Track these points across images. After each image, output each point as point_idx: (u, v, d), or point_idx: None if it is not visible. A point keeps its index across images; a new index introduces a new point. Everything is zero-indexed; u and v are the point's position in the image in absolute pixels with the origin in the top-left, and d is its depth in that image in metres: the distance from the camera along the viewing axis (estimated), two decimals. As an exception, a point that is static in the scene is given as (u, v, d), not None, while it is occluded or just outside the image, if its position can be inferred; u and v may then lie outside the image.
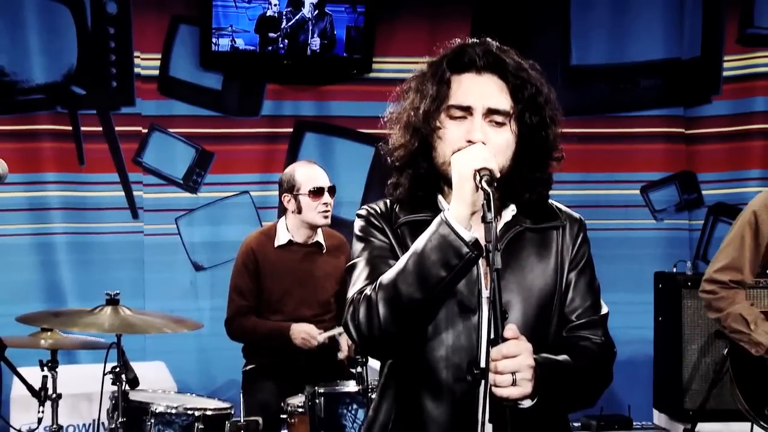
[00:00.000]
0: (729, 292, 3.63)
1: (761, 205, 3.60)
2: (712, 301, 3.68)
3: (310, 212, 4.48)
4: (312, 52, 5.74)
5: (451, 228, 2.01)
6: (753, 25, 6.10)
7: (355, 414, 3.90)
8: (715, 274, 3.67)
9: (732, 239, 3.66)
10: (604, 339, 2.24)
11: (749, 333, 3.55)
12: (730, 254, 3.64)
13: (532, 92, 2.17)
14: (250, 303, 4.52)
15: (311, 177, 4.51)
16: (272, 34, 5.68)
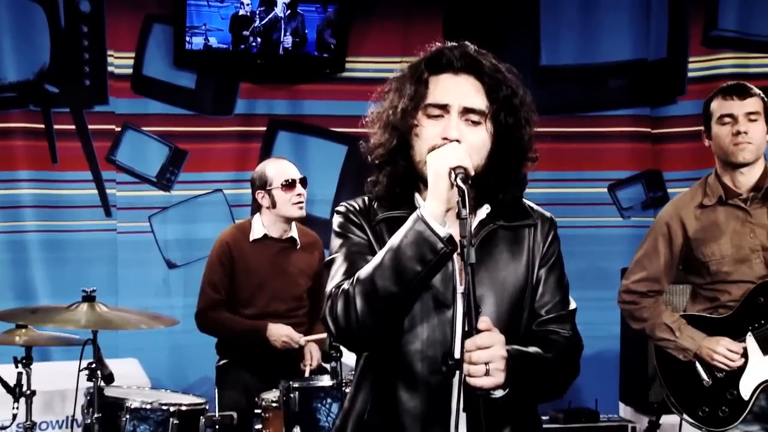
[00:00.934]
0: (649, 301, 3.69)
1: (672, 215, 3.65)
2: (634, 312, 3.73)
3: (285, 205, 4.55)
4: (284, 51, 5.77)
5: (426, 224, 2.08)
6: (717, 27, 6.18)
7: (330, 408, 3.94)
8: (633, 285, 3.71)
9: (647, 251, 3.70)
10: (572, 333, 2.32)
11: (675, 340, 3.59)
12: (646, 266, 3.68)
13: (508, 93, 2.24)
14: (221, 296, 4.57)
15: (282, 171, 4.58)
16: (245, 33, 5.71)
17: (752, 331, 3.50)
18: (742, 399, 3.48)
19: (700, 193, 3.63)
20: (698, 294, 3.68)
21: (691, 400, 3.60)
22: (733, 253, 3.51)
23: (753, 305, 3.49)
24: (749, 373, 3.49)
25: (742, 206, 3.52)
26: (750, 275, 3.49)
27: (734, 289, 3.51)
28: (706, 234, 3.56)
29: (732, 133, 3.48)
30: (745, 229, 3.51)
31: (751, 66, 6.12)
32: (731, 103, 3.50)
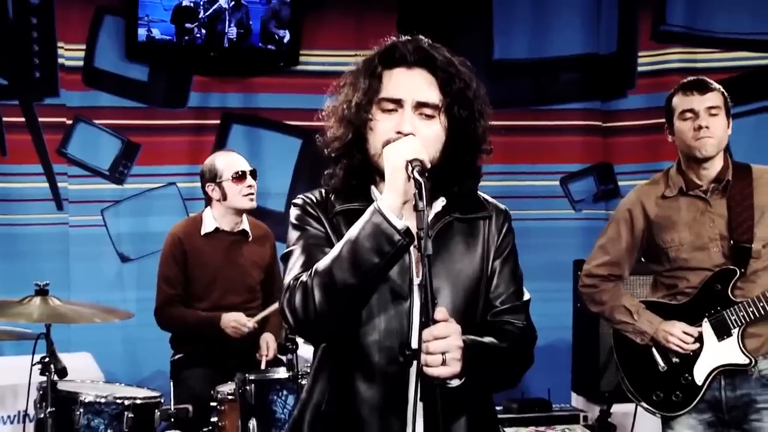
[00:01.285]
0: (609, 285, 3.73)
1: (634, 201, 3.70)
2: (594, 295, 3.77)
3: (236, 197, 4.55)
4: (229, 42, 5.73)
5: (383, 216, 2.10)
6: (665, 22, 6.28)
7: (286, 400, 3.95)
8: (594, 269, 3.76)
9: (609, 236, 3.75)
10: (526, 323, 2.36)
11: (633, 323, 3.64)
12: (608, 251, 3.73)
13: (461, 87, 2.27)
14: (177, 292, 4.57)
15: (232, 163, 4.59)
16: (189, 25, 5.66)
17: (708, 318, 3.56)
18: (696, 384, 3.54)
19: (662, 184, 3.68)
20: (658, 281, 3.74)
21: (646, 384, 3.66)
22: (691, 240, 3.56)
23: (710, 292, 3.54)
24: (703, 359, 3.55)
25: (703, 196, 3.58)
26: (708, 263, 3.54)
27: (692, 276, 3.57)
28: (666, 221, 3.61)
29: (694, 128, 3.52)
30: (705, 218, 3.56)
31: (699, 61, 6.22)
32: (692, 99, 3.54)
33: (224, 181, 4.55)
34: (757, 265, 3.53)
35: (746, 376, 3.53)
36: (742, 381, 3.53)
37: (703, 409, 3.57)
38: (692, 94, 3.55)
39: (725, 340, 3.53)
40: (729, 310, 3.52)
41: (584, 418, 5.09)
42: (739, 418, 3.54)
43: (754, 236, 3.51)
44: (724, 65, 6.18)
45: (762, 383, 3.53)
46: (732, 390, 3.54)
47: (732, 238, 3.52)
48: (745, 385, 3.53)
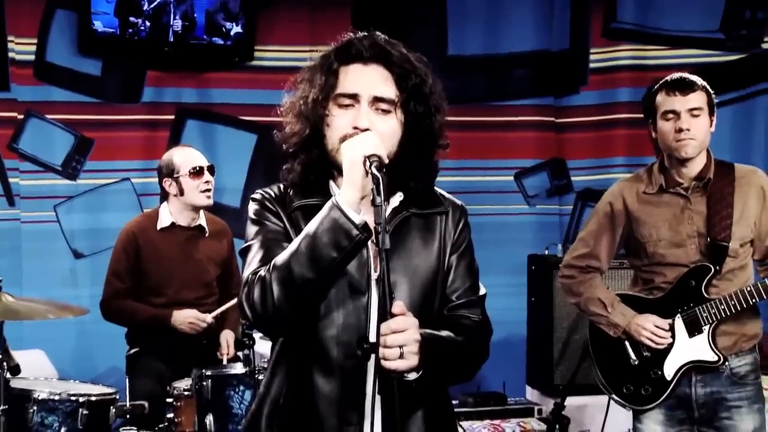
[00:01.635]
0: (586, 276, 3.75)
1: (616, 195, 3.72)
2: (572, 286, 3.79)
3: (193, 193, 4.54)
4: (174, 35, 5.68)
5: (341, 211, 2.11)
6: (616, 19, 6.37)
7: (242, 395, 3.95)
8: (573, 261, 3.78)
9: (590, 229, 3.77)
10: (482, 318, 2.39)
11: (607, 315, 3.66)
12: (588, 243, 3.75)
13: (417, 82, 2.28)
14: (127, 286, 4.55)
15: (189, 158, 4.58)
16: (132, 18, 5.60)
17: (681, 314, 3.58)
18: (665, 379, 3.57)
19: (644, 179, 3.69)
20: (636, 276, 3.77)
21: (618, 377, 3.68)
22: (669, 236, 3.58)
23: (685, 288, 3.56)
24: (674, 355, 3.58)
25: (683, 194, 3.59)
26: (684, 259, 3.56)
27: (669, 271, 3.59)
28: (646, 217, 3.63)
29: (675, 129, 3.51)
30: (684, 215, 3.58)
31: (649, 58, 6.33)
32: (674, 99, 3.52)
33: (181, 176, 4.53)
34: (734, 264, 3.56)
35: (717, 374, 3.55)
36: (713, 378, 3.56)
37: (673, 406, 3.59)
38: (675, 94, 3.52)
39: (696, 337, 3.55)
40: (701, 307, 3.54)
41: (539, 411, 5.16)
42: (709, 415, 3.56)
43: (732, 235, 3.52)
44: (673, 62, 6.28)
45: (732, 381, 3.55)
46: (703, 387, 3.56)
47: (709, 235, 3.53)
48: (716, 382, 3.56)
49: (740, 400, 3.55)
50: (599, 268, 3.78)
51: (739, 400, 3.55)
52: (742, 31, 6.30)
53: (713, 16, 6.32)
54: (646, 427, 3.63)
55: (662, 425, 3.60)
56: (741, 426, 3.54)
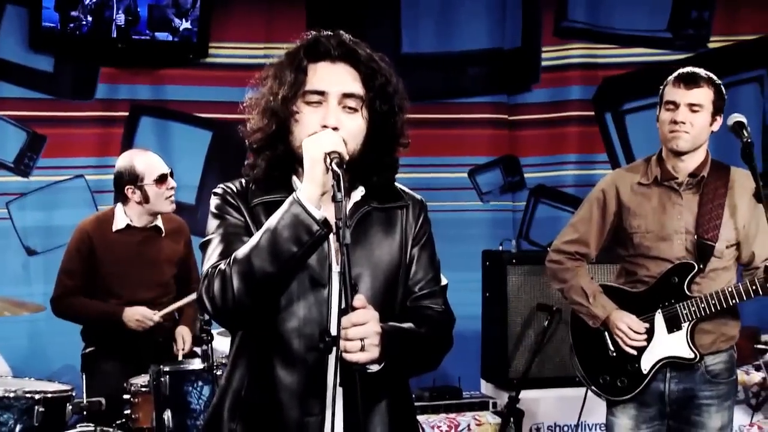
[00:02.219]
0: (574, 263, 3.77)
1: (609, 183, 3.74)
2: (558, 272, 3.81)
3: (159, 200, 4.51)
4: (117, 29, 5.63)
5: (302, 207, 2.15)
6: (567, 18, 6.46)
7: (201, 391, 3.96)
8: (562, 246, 3.80)
9: (581, 215, 3.79)
10: (444, 308, 2.44)
11: (588, 306, 3.68)
12: (579, 229, 3.77)
13: (383, 81, 2.33)
14: (77, 284, 4.52)
15: (153, 166, 4.52)
16: (74, 13, 5.54)
17: (662, 309, 3.61)
18: (641, 372, 3.61)
19: (640, 170, 3.71)
20: (622, 267, 3.80)
21: (595, 367, 3.73)
22: (657, 230, 3.60)
23: (667, 284, 3.59)
24: (652, 349, 3.61)
25: (676, 188, 3.62)
26: (669, 254, 3.59)
27: (653, 265, 3.62)
28: (636, 208, 3.65)
29: (671, 120, 3.53)
30: (674, 210, 3.60)
31: (599, 56, 6.43)
32: (677, 91, 3.53)
33: (146, 184, 4.49)
34: (718, 264, 3.58)
35: (692, 371, 3.59)
36: (687, 375, 3.60)
37: (647, 400, 3.63)
38: (679, 86, 3.52)
39: (674, 333, 3.58)
40: (682, 304, 3.56)
41: (493, 405, 5.20)
42: (679, 411, 3.62)
43: (719, 236, 3.54)
44: (623, 61, 6.41)
45: (706, 379, 3.60)
46: (677, 383, 3.60)
47: (697, 233, 3.56)
48: (690, 379, 3.60)
49: (711, 399, 3.59)
50: (587, 254, 3.79)
51: (711, 399, 3.59)
52: (688, 30, 6.43)
53: (661, 16, 6.44)
54: (619, 420, 3.67)
55: (634, 419, 3.64)
56: (709, 423, 3.59)
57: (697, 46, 6.41)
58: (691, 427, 3.61)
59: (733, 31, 6.40)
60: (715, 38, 6.40)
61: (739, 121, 3.41)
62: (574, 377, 5.06)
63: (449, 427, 4.97)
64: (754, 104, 6.28)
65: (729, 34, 6.39)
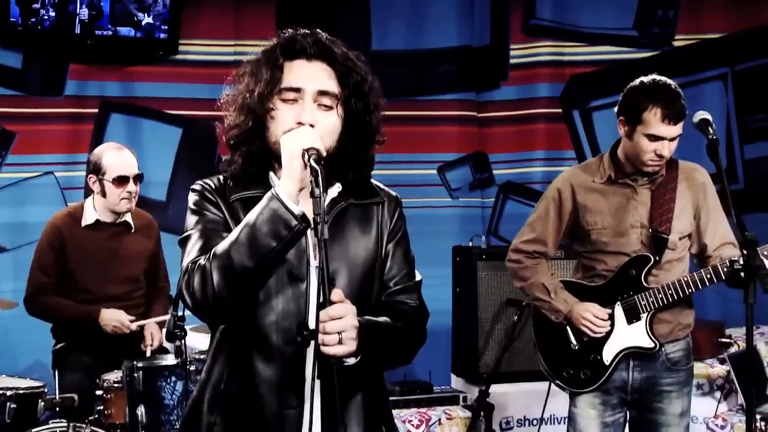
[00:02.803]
0: (533, 261, 3.85)
1: (564, 182, 3.81)
2: (518, 271, 3.89)
3: (113, 198, 4.51)
4: (81, 23, 5.59)
5: (281, 202, 2.18)
6: (535, 16, 6.52)
7: (174, 386, 3.97)
8: (521, 245, 3.87)
9: (538, 215, 3.86)
10: (419, 303, 2.49)
11: (549, 301, 3.77)
12: (536, 228, 3.84)
13: (358, 80, 2.37)
14: (51, 280, 4.51)
15: (118, 164, 4.50)
16: (35, 6, 5.49)
17: (621, 301, 3.70)
18: (603, 363, 3.69)
19: (593, 169, 3.78)
20: (579, 263, 3.88)
21: (558, 361, 3.80)
22: (613, 225, 3.69)
23: (625, 277, 3.68)
24: (613, 341, 3.70)
25: (631, 184, 3.70)
26: (626, 248, 3.67)
27: (610, 259, 3.70)
28: (592, 205, 3.73)
29: (655, 151, 3.56)
30: (629, 205, 3.69)
31: (566, 54, 6.50)
32: (666, 128, 3.52)
33: (106, 179, 4.49)
34: (672, 256, 3.67)
35: (653, 359, 3.68)
36: (649, 363, 3.69)
37: (609, 390, 3.71)
38: (669, 123, 3.53)
39: (634, 324, 3.68)
40: (640, 296, 3.65)
41: (464, 399, 5.26)
42: (640, 399, 3.70)
43: (672, 228, 3.64)
44: (590, 59, 6.48)
45: (667, 366, 3.69)
46: (640, 372, 3.69)
47: (651, 227, 3.65)
48: (652, 367, 3.69)
49: (672, 385, 3.69)
50: (545, 252, 3.87)
51: (671, 385, 3.69)
52: (654, 29, 6.52)
53: (627, 14, 6.52)
54: (582, 411, 3.74)
55: (596, 408, 3.72)
56: (669, 409, 3.68)
57: (663, 44, 6.50)
58: (653, 414, 3.69)
59: (698, 29, 6.49)
60: (680, 37, 6.49)
61: (705, 118, 3.47)
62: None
63: (420, 421, 5.02)
64: (719, 102, 6.37)
65: (693, 32, 6.48)
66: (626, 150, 3.67)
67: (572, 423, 3.78)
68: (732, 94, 6.44)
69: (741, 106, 6.41)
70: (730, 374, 5.13)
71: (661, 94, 3.56)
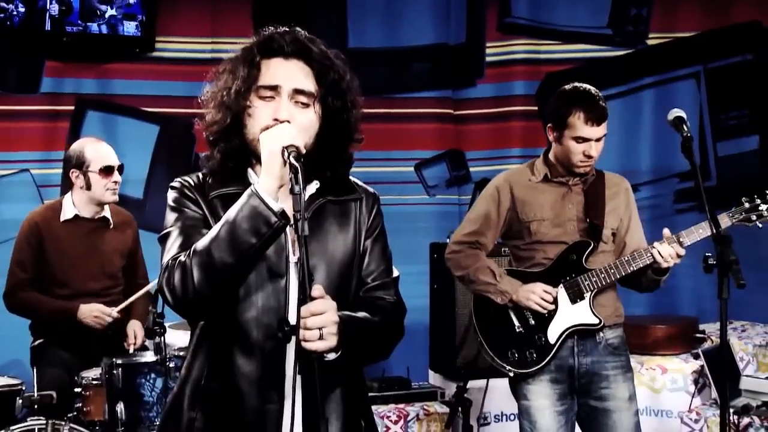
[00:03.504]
0: (475, 251, 3.97)
1: (502, 182, 3.97)
2: (460, 260, 3.99)
3: (99, 189, 4.52)
4: (51, 19, 5.57)
5: (260, 199, 2.19)
6: (511, 14, 6.56)
7: (154, 383, 3.99)
8: (462, 237, 4.00)
9: (477, 212, 4.00)
10: (396, 298, 2.52)
11: (495, 283, 3.87)
12: (476, 223, 3.98)
13: (335, 78, 2.40)
14: (30, 276, 4.50)
15: (102, 155, 4.54)
16: (3, 4, 5.48)
17: (563, 283, 3.84)
18: (549, 343, 3.81)
19: (527, 171, 3.96)
20: (517, 256, 3.99)
21: (503, 344, 3.88)
22: (552, 217, 3.85)
23: (566, 261, 3.84)
24: (557, 321, 3.83)
25: (565, 182, 3.89)
26: (564, 238, 3.85)
27: (549, 248, 3.86)
28: (530, 200, 3.89)
29: (583, 152, 3.76)
30: (565, 200, 3.88)
31: (542, 52, 6.55)
32: (591, 130, 3.75)
33: (90, 171, 4.49)
34: (604, 248, 3.88)
35: (595, 343, 3.83)
36: (592, 348, 3.82)
37: (558, 379, 3.81)
38: (592, 125, 3.74)
39: (578, 303, 3.83)
40: (583, 276, 3.82)
41: (441, 395, 5.29)
42: (588, 386, 3.82)
43: (605, 222, 3.86)
44: (565, 57, 6.53)
45: (609, 351, 3.84)
46: (584, 356, 3.82)
47: (588, 217, 3.84)
48: (595, 351, 3.83)
49: (615, 369, 3.83)
50: (485, 245, 3.99)
51: (615, 369, 3.83)
52: (628, 27, 6.58)
53: (602, 13, 6.58)
54: (534, 402, 3.83)
55: (549, 398, 3.81)
56: (618, 394, 3.81)
57: (637, 42, 6.56)
58: (603, 402, 3.81)
59: (671, 28, 6.55)
60: (653, 35, 6.55)
61: (680, 116, 3.53)
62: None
63: (398, 417, 5.04)
64: (692, 100, 6.44)
65: (667, 31, 6.55)
66: (557, 154, 3.88)
67: (526, 416, 3.86)
68: (705, 92, 6.50)
69: (714, 103, 6.48)
70: (704, 369, 5.19)
71: (583, 99, 3.79)
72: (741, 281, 3.07)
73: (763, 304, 5.93)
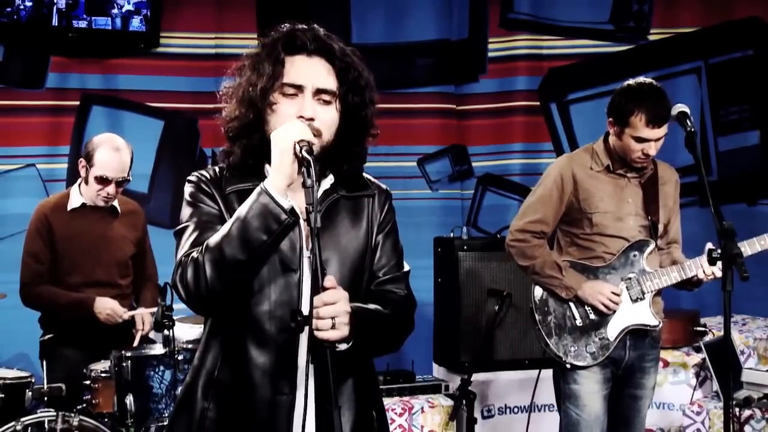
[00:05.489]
0: (539, 241, 3.97)
1: (565, 167, 3.96)
2: (525, 249, 3.97)
3: (91, 191, 4.52)
4: (58, 12, 5.60)
5: (270, 197, 2.22)
6: (513, 10, 6.59)
7: (163, 375, 4.01)
8: (527, 226, 3.97)
9: (540, 196, 3.97)
10: (407, 292, 2.56)
11: (561, 278, 3.90)
12: (539, 210, 3.95)
13: (355, 75, 2.44)
14: (44, 267, 4.51)
15: (106, 164, 4.46)
16: None
17: (624, 282, 3.90)
18: (608, 339, 3.87)
19: (588, 158, 3.96)
20: (573, 243, 3.99)
21: (561, 336, 3.92)
22: (613, 210, 3.88)
23: (627, 259, 3.89)
24: (617, 318, 3.88)
25: (625, 175, 3.92)
26: (625, 233, 3.88)
27: (610, 242, 3.89)
28: (593, 189, 3.90)
29: (642, 151, 3.78)
30: (624, 194, 3.91)
31: (544, 48, 6.56)
32: (652, 132, 3.74)
33: (90, 172, 4.50)
34: (660, 243, 3.95)
35: (645, 337, 3.92)
36: (641, 341, 3.93)
37: (606, 365, 3.90)
38: (654, 127, 3.73)
39: (638, 303, 3.89)
40: (644, 277, 3.88)
41: (446, 388, 5.31)
42: (628, 376, 3.93)
43: (660, 218, 3.91)
44: (567, 52, 6.55)
45: (652, 344, 3.96)
46: (634, 350, 3.91)
47: (648, 214, 3.89)
48: (642, 345, 3.93)
49: (652, 361, 3.96)
50: (548, 233, 4.01)
51: (651, 361, 3.96)
52: (630, 23, 6.60)
53: (603, 8, 6.60)
54: (584, 386, 3.89)
55: (598, 383, 3.89)
56: (648, 383, 3.96)
57: (638, 38, 6.58)
58: (635, 390, 3.95)
59: (673, 23, 6.57)
60: (655, 30, 6.57)
61: (683, 111, 3.57)
62: (524, 360, 5.26)
63: (403, 410, 5.07)
64: (693, 95, 6.46)
65: (668, 26, 6.56)
66: (616, 146, 3.89)
67: (573, 400, 3.91)
68: (706, 87, 6.52)
69: (715, 99, 6.50)
70: (706, 362, 5.23)
71: (646, 99, 3.75)
72: (745, 274, 3.10)
73: (763, 298, 5.97)
